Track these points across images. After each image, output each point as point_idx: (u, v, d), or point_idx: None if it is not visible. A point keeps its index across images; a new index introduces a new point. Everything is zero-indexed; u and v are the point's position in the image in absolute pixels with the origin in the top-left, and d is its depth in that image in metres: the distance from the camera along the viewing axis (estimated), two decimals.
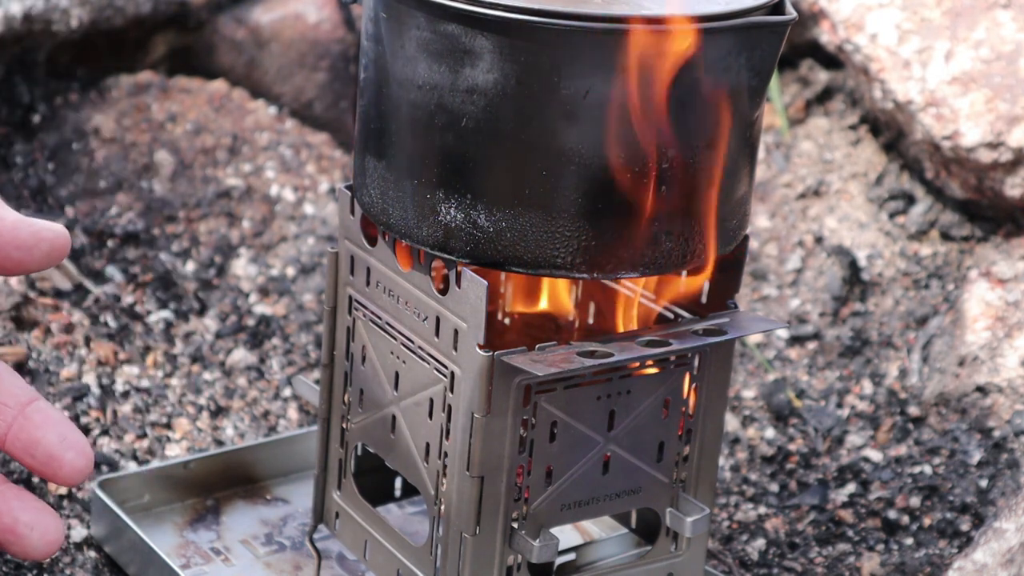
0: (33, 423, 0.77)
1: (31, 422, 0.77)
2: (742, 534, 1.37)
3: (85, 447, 0.79)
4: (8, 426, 0.77)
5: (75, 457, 0.77)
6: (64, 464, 0.77)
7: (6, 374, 0.79)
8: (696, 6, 0.95)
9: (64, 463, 0.77)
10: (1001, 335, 1.49)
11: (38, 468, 0.77)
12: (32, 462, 0.77)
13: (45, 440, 0.77)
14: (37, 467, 0.77)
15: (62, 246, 0.80)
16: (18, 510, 0.76)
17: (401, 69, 0.99)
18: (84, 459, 0.78)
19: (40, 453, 0.77)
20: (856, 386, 1.55)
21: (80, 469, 0.78)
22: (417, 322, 1.06)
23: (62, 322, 1.49)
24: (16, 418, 0.77)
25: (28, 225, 0.79)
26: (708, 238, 1.02)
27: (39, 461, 0.77)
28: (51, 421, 0.78)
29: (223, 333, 1.54)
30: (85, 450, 0.79)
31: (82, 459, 0.78)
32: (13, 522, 0.76)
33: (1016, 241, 1.63)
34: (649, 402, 1.07)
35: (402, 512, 1.29)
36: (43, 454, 0.77)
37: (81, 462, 0.78)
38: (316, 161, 1.78)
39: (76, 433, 0.78)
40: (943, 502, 1.40)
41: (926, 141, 1.64)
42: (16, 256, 0.78)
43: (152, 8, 1.81)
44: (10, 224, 0.79)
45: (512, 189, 0.97)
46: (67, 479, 0.78)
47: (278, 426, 1.45)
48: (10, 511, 0.76)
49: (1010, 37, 1.62)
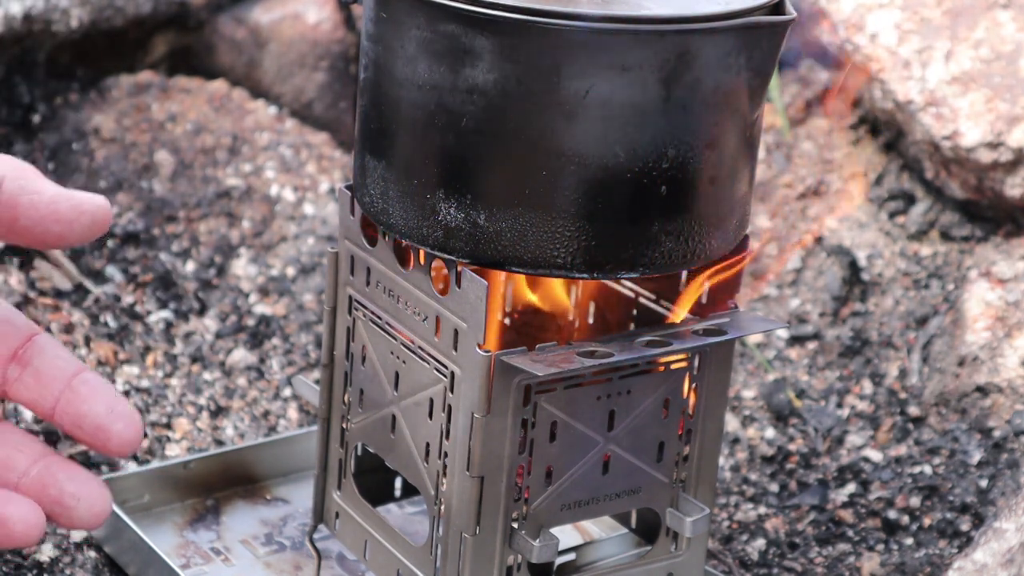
0: (80, 396, 0.77)
1: (78, 395, 0.76)
2: (742, 534, 1.37)
3: (134, 417, 0.77)
4: (56, 399, 0.76)
5: (124, 428, 0.76)
6: (112, 435, 0.76)
7: (50, 346, 0.78)
8: (696, 6, 0.95)
9: (112, 434, 0.76)
10: (1001, 335, 1.49)
11: (87, 440, 0.76)
12: (81, 434, 0.76)
13: (92, 412, 0.76)
14: (86, 439, 0.76)
15: (103, 218, 0.78)
16: (64, 481, 0.75)
17: (401, 69, 0.99)
18: (133, 430, 0.77)
19: (88, 425, 0.76)
20: (856, 386, 1.55)
21: (129, 440, 0.77)
22: (417, 322, 1.06)
23: (62, 322, 1.49)
24: (63, 391, 0.76)
25: (68, 198, 0.77)
26: (708, 238, 1.02)
27: (88, 433, 0.76)
28: (98, 392, 0.77)
29: (223, 333, 1.54)
30: (134, 420, 0.78)
31: (131, 430, 0.77)
32: (59, 494, 0.76)
33: (1016, 241, 1.63)
34: (649, 402, 1.07)
35: (402, 512, 1.29)
36: (91, 426, 0.76)
37: (130, 432, 0.77)
38: (316, 161, 1.78)
39: (124, 404, 0.77)
40: (943, 502, 1.40)
41: (926, 141, 1.64)
42: (56, 230, 0.77)
43: (152, 8, 1.81)
44: (49, 198, 0.77)
45: (512, 189, 0.97)
46: (117, 450, 0.77)
47: (278, 426, 1.45)
48: (56, 483, 0.75)
49: (1010, 37, 1.62)
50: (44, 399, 0.77)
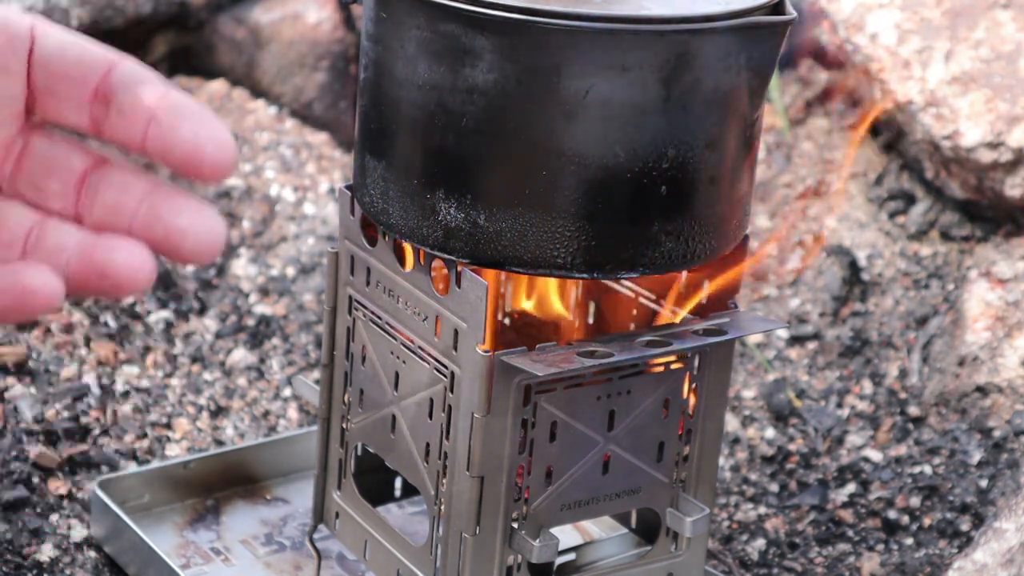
0: (164, 127, 0.71)
1: (162, 126, 0.71)
2: (742, 534, 1.37)
3: (222, 140, 0.70)
4: (143, 134, 0.72)
5: (213, 152, 0.71)
6: (204, 164, 0.71)
7: (131, 75, 0.73)
8: (696, 6, 0.95)
9: (204, 163, 0.70)
10: (1001, 335, 1.49)
11: (183, 172, 0.71)
12: (175, 166, 0.71)
13: (180, 140, 0.70)
14: (181, 171, 0.71)
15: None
16: (171, 216, 0.70)
17: (401, 69, 0.99)
18: (223, 154, 0.71)
19: (177, 157, 0.71)
20: (856, 386, 1.55)
21: (222, 164, 0.69)
22: (417, 322, 1.06)
23: (62, 322, 1.49)
24: (149, 123, 0.72)
25: None
26: (708, 238, 1.02)
27: (180, 165, 0.71)
28: (184, 118, 0.71)
29: (223, 333, 1.54)
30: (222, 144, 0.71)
31: (221, 154, 0.71)
32: (167, 231, 0.71)
33: (1016, 241, 1.63)
34: (649, 402, 1.07)
35: (402, 512, 1.29)
36: (179, 158, 0.70)
37: (220, 156, 0.71)
38: (316, 161, 1.78)
39: (211, 127, 0.70)
40: (943, 502, 1.40)
41: (926, 141, 1.64)
42: None
43: (152, 8, 1.81)
44: None
45: (512, 189, 0.97)
46: (211, 176, 0.71)
47: (278, 426, 1.45)
48: (163, 220, 0.70)
49: (1010, 37, 1.62)
50: (132, 137, 0.73)
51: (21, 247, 0.71)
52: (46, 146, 0.72)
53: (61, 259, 0.70)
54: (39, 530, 1.27)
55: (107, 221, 0.71)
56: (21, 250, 0.71)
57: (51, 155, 0.72)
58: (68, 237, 0.71)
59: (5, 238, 0.71)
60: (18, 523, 1.27)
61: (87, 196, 0.72)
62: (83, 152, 0.72)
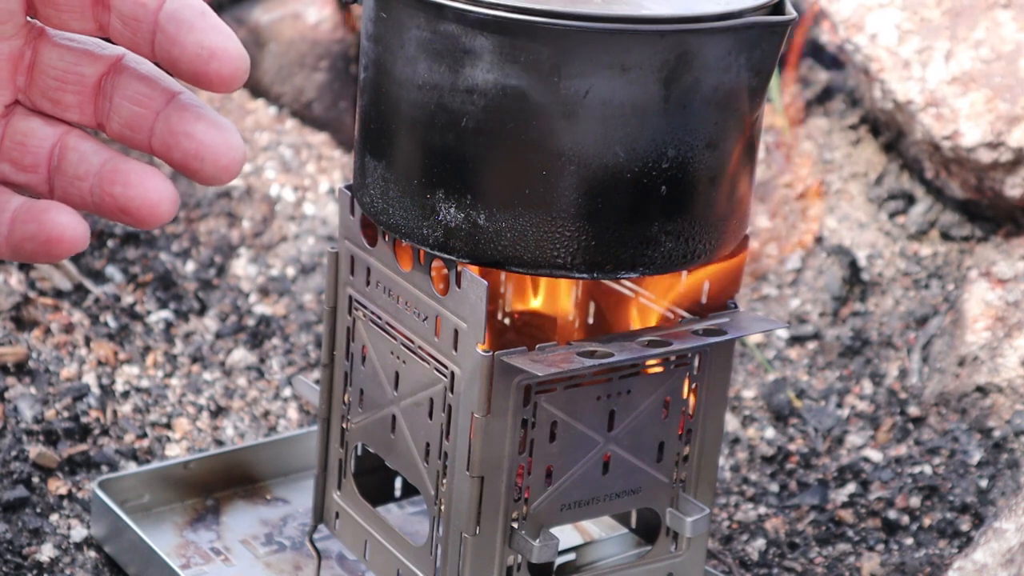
0: (168, 35, 0.68)
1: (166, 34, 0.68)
2: (742, 534, 1.37)
3: (232, 49, 0.66)
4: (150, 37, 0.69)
5: (220, 65, 0.66)
6: (212, 78, 0.68)
7: None
8: (696, 6, 0.95)
9: (212, 77, 0.66)
10: (1001, 335, 1.49)
11: (189, 80, 0.69)
12: (184, 77, 0.69)
13: (185, 49, 0.68)
14: (187, 78, 0.69)
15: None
16: (186, 141, 0.67)
17: (401, 69, 0.99)
18: (230, 66, 0.66)
19: (185, 69, 0.69)
20: (856, 386, 1.55)
21: (230, 76, 0.66)
22: (417, 322, 1.06)
23: (62, 322, 1.49)
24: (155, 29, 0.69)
25: None
26: (708, 238, 1.02)
27: (188, 77, 0.69)
28: (189, 26, 0.68)
29: (223, 333, 1.54)
30: (231, 52, 0.66)
31: (228, 66, 0.66)
32: (184, 156, 0.68)
33: (1016, 241, 1.63)
34: (649, 402, 1.07)
35: (402, 512, 1.29)
36: (188, 70, 0.67)
37: (228, 69, 0.66)
38: (316, 161, 1.78)
39: (220, 33, 0.66)
40: (943, 502, 1.40)
41: (926, 141, 1.64)
42: None
43: None
44: None
45: (512, 189, 0.97)
46: (222, 88, 0.69)
47: (278, 426, 1.45)
48: (178, 143, 0.68)
49: (1010, 37, 1.62)
50: (139, 46, 0.71)
51: (46, 169, 0.70)
52: (55, 56, 0.70)
53: (84, 188, 0.69)
54: (39, 530, 1.27)
55: (126, 136, 0.70)
56: (46, 173, 0.70)
57: (61, 65, 0.70)
58: (90, 161, 0.69)
59: (28, 161, 0.70)
60: (18, 523, 1.27)
61: (103, 105, 0.70)
62: (93, 59, 0.70)
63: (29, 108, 0.71)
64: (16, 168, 0.71)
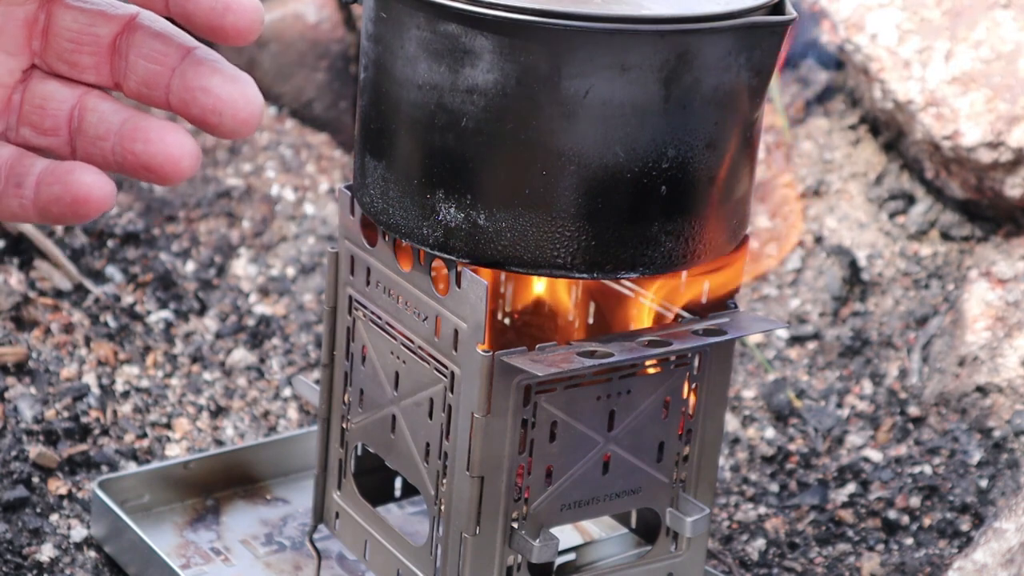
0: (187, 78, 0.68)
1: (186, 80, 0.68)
2: (742, 534, 1.37)
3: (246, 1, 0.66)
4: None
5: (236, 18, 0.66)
6: (224, 122, 0.67)
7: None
8: (696, 6, 0.95)
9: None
10: (1001, 335, 1.49)
11: (204, 34, 0.67)
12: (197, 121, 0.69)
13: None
14: (203, 32, 0.67)
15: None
16: (202, 96, 0.67)
17: (401, 69, 0.99)
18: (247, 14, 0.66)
19: (196, 111, 0.67)
20: (856, 386, 1.55)
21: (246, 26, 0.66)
22: (417, 322, 1.06)
23: (62, 322, 1.49)
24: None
25: None
26: (708, 238, 1.02)
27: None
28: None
29: (223, 333, 1.54)
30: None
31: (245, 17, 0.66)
32: (202, 112, 0.67)
33: (1016, 241, 1.63)
34: (649, 402, 1.07)
35: (402, 512, 1.29)
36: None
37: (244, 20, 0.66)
38: (316, 161, 1.78)
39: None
40: (943, 502, 1.40)
41: (926, 141, 1.64)
42: None
43: None
44: None
45: (512, 189, 0.97)
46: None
47: (278, 426, 1.45)
48: (196, 99, 0.67)
49: (1010, 37, 1.62)
50: (154, 3, 0.71)
51: (67, 131, 0.70)
52: (69, 18, 0.70)
53: (106, 148, 0.68)
54: (39, 530, 1.27)
55: (143, 94, 0.69)
56: (67, 135, 0.70)
57: (76, 26, 0.70)
58: (110, 121, 0.69)
59: (49, 124, 0.70)
60: (18, 523, 1.27)
61: (119, 64, 0.69)
62: (107, 19, 0.70)
63: (46, 72, 0.71)
64: (37, 132, 0.70)
